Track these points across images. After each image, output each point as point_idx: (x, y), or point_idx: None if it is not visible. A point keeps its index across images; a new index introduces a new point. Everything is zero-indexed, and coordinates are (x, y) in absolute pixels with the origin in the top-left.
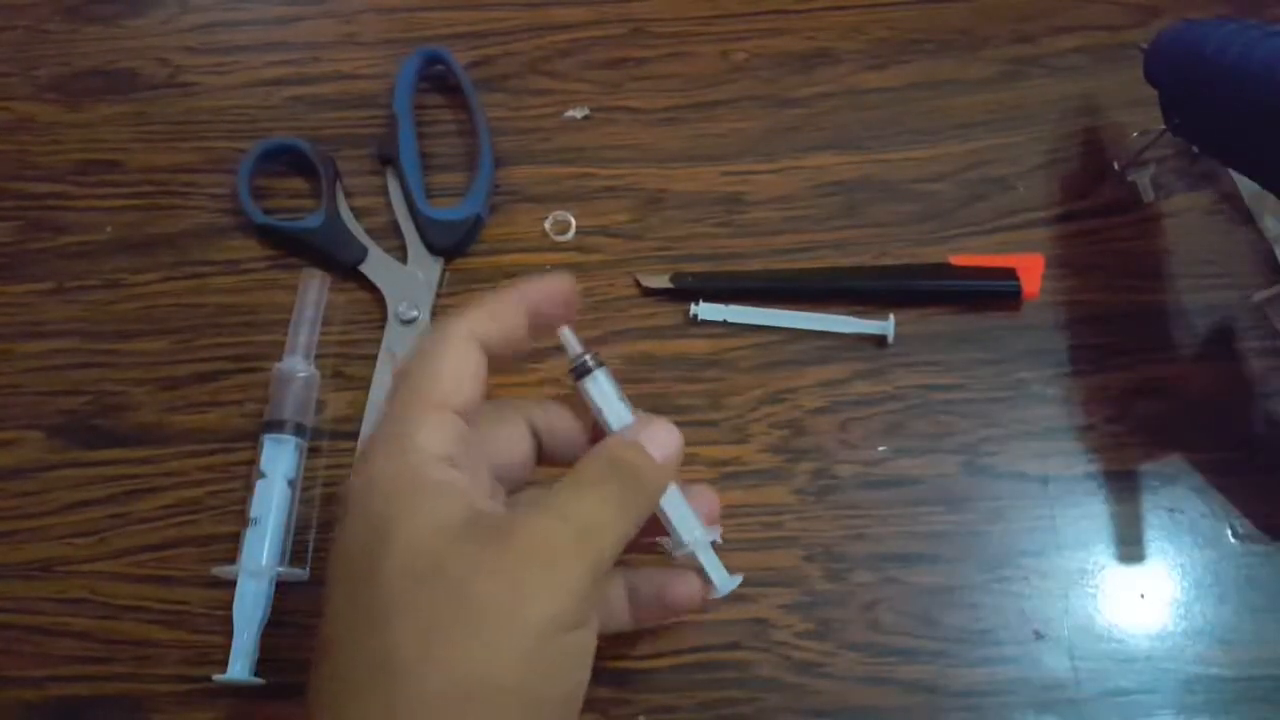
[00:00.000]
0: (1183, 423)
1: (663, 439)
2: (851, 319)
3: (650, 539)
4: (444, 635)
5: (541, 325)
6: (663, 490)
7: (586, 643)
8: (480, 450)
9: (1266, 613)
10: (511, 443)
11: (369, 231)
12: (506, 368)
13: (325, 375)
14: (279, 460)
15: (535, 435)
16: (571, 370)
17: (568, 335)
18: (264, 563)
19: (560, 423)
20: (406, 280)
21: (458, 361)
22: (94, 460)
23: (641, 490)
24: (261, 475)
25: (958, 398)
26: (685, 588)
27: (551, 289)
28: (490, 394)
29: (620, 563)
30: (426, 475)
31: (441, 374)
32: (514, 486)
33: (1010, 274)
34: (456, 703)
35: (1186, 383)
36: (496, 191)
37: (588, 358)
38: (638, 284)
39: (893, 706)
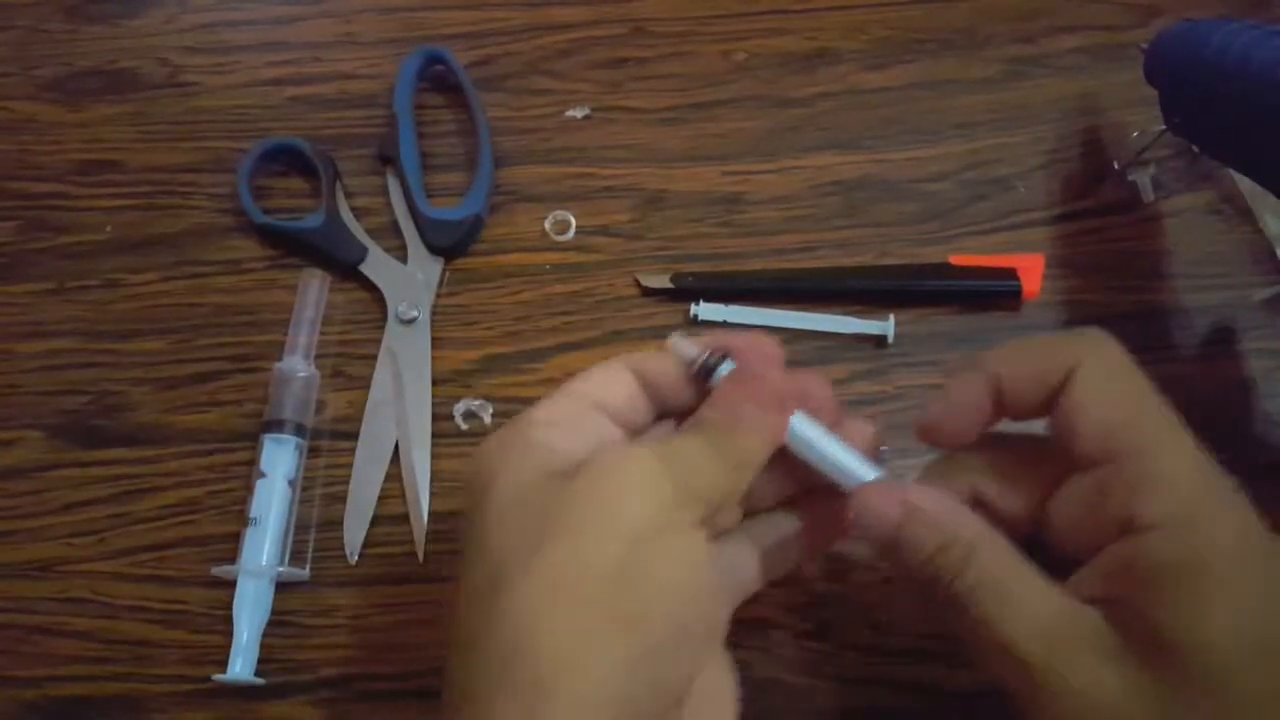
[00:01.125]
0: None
1: (757, 393)
2: (851, 319)
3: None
4: (536, 546)
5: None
6: (764, 439)
7: (685, 551)
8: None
9: None
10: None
11: (369, 231)
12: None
13: (325, 375)
14: (279, 460)
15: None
16: (697, 374)
17: (679, 343)
18: (264, 563)
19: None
20: (406, 280)
21: (604, 375)
22: (94, 460)
23: (734, 436)
24: (261, 475)
25: None
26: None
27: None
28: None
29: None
30: (528, 435)
31: (585, 379)
32: None
33: (1011, 274)
34: (562, 590)
35: (1187, 382)
36: (496, 191)
37: (707, 358)
38: (638, 284)
39: (893, 707)
